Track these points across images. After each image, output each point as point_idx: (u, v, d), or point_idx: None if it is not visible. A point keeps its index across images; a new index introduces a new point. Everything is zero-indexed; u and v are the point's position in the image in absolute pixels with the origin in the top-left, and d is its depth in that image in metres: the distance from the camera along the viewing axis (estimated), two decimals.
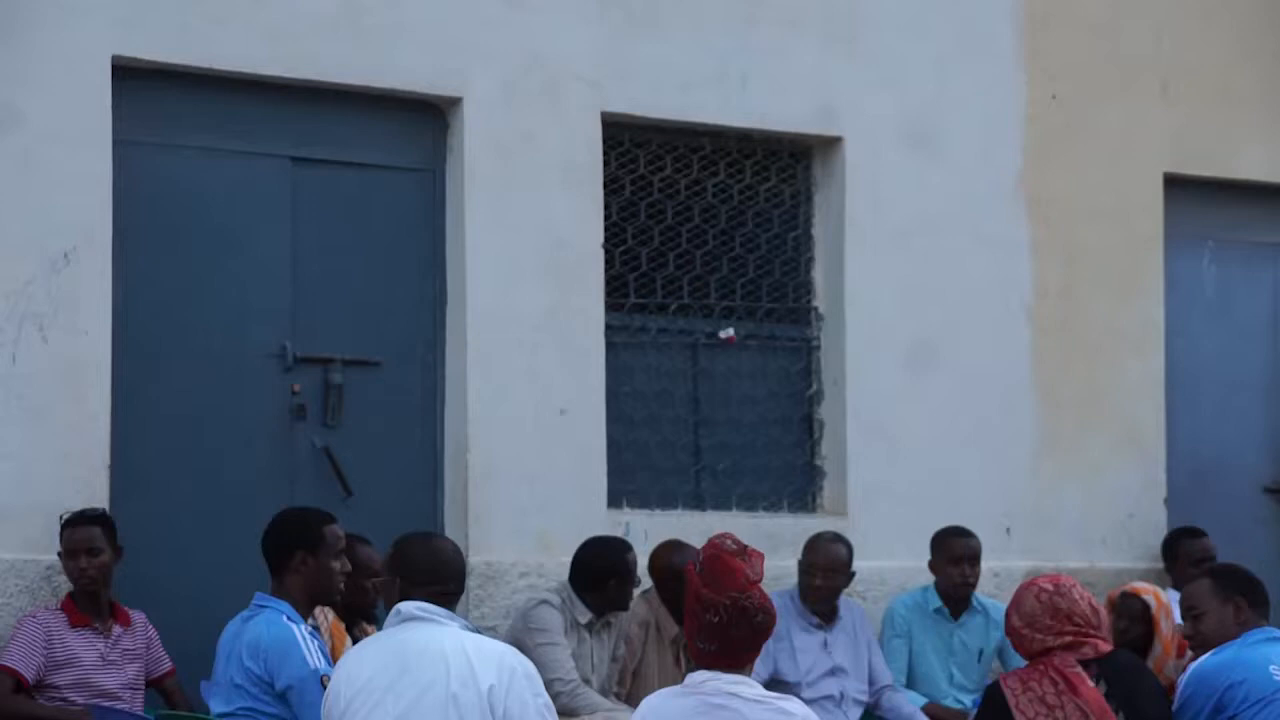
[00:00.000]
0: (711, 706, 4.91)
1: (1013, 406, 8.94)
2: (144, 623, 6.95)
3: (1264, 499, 9.66)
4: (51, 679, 6.67)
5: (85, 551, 6.72)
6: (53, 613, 6.76)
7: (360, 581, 6.63)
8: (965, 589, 8.09)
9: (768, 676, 7.33)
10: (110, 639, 6.78)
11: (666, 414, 8.43)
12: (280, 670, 5.86)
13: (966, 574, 8.07)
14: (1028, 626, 5.53)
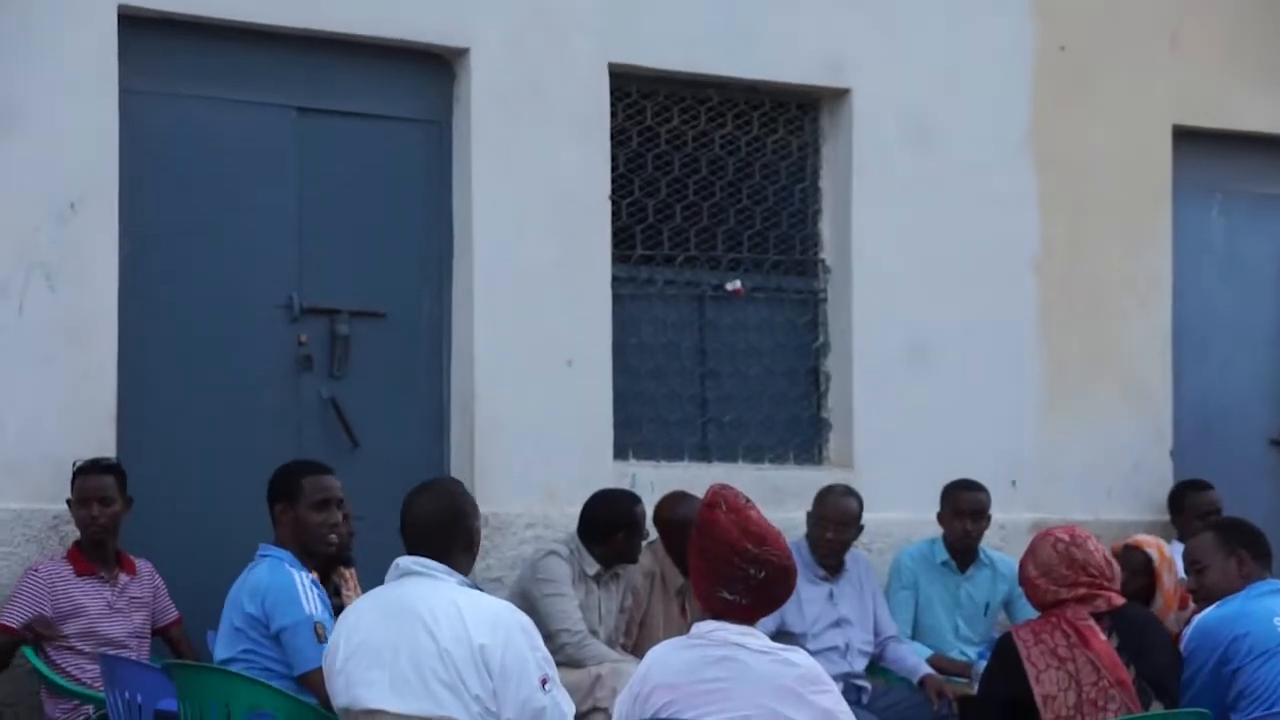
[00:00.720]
0: (718, 657, 4.93)
1: (1019, 359, 8.94)
2: (150, 571, 6.97)
3: (1270, 451, 9.66)
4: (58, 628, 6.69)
5: (97, 500, 6.75)
6: (57, 562, 6.79)
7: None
8: (967, 542, 8.10)
9: (774, 628, 7.34)
10: (116, 588, 6.81)
11: (673, 366, 8.43)
12: (275, 612, 5.87)
13: (969, 528, 8.07)
14: (1043, 576, 5.52)
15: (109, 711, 6.18)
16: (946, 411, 8.70)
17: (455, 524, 5.32)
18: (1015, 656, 5.40)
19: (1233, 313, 9.63)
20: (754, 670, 4.90)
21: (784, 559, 4.97)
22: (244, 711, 5.62)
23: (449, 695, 5.04)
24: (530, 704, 5.05)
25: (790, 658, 4.93)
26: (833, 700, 4.91)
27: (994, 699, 5.46)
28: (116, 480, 6.77)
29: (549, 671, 5.14)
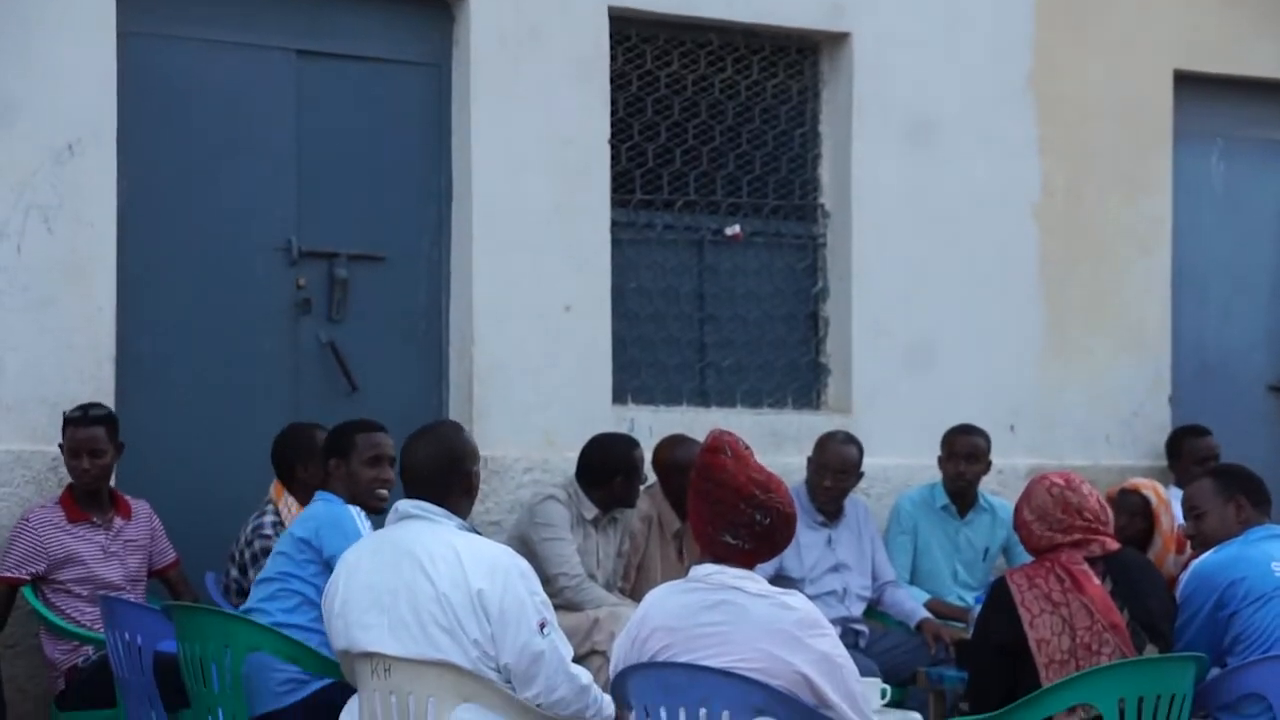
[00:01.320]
0: (716, 601, 4.94)
1: (1018, 304, 8.94)
2: (148, 513, 6.98)
3: (1269, 397, 9.67)
4: (54, 575, 6.71)
5: (88, 453, 6.74)
6: (49, 509, 6.77)
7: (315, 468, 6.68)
8: (960, 485, 8.10)
9: (772, 572, 7.36)
10: (110, 532, 6.81)
11: (672, 311, 8.43)
12: (329, 539, 5.85)
13: (962, 470, 8.08)
14: (1038, 521, 5.53)
15: (109, 652, 6.21)
16: (946, 357, 8.71)
17: (454, 468, 5.31)
18: (1009, 601, 5.41)
19: (1233, 259, 9.63)
20: (752, 614, 4.91)
21: (788, 506, 4.98)
22: (243, 652, 5.65)
23: (447, 639, 5.05)
24: (528, 648, 5.06)
25: (788, 602, 4.93)
26: (830, 644, 4.91)
27: (988, 643, 5.47)
28: (107, 431, 6.75)
29: (547, 615, 5.14)
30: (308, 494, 6.68)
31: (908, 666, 7.46)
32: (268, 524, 6.69)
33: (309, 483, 6.67)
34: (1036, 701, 5.14)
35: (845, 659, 4.93)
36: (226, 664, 5.66)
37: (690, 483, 5.06)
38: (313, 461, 6.68)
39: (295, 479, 6.80)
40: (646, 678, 4.95)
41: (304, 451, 6.78)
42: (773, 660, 4.86)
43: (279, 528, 6.65)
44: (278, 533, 6.62)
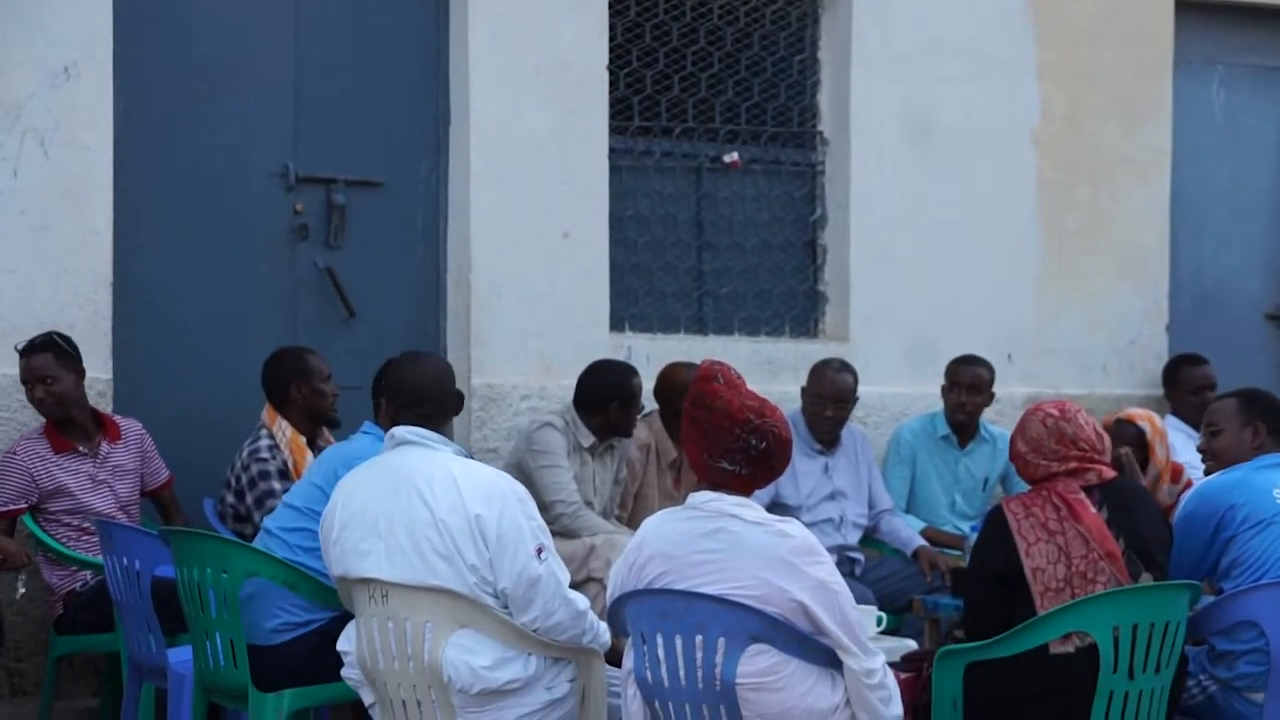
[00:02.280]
0: (713, 529, 4.95)
1: (1016, 233, 8.93)
2: (139, 433, 6.95)
3: (1266, 326, 9.67)
4: (45, 506, 6.71)
5: (39, 381, 6.71)
6: (35, 440, 6.75)
7: (314, 386, 6.73)
8: (960, 415, 8.11)
9: (768, 500, 7.37)
10: (98, 459, 6.79)
11: (669, 238, 8.41)
12: None
13: (964, 401, 8.08)
14: (1033, 452, 5.54)
15: (107, 577, 6.22)
16: (943, 285, 8.70)
17: (449, 391, 5.38)
18: (1005, 529, 5.42)
19: (1231, 186, 9.61)
20: (748, 541, 4.92)
21: (783, 430, 5.00)
22: (240, 577, 5.66)
23: (444, 565, 5.07)
24: (526, 573, 5.08)
25: (784, 529, 4.95)
26: (826, 571, 4.93)
27: (984, 571, 5.48)
28: (55, 356, 6.70)
29: (544, 541, 5.16)
30: (301, 417, 6.74)
31: (903, 594, 7.49)
32: (263, 448, 6.70)
33: (302, 406, 6.75)
34: (1031, 629, 5.16)
35: (841, 586, 4.95)
36: (224, 589, 5.68)
37: (684, 411, 5.07)
38: (305, 384, 6.74)
39: (288, 402, 6.80)
40: (643, 604, 4.97)
41: (298, 372, 6.79)
42: (769, 587, 4.88)
43: (275, 451, 6.67)
44: (274, 456, 6.65)
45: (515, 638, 5.11)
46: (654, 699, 4.99)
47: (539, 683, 5.16)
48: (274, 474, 6.65)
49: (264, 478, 6.62)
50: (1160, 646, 5.16)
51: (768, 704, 4.86)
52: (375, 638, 5.16)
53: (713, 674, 4.87)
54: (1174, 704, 5.35)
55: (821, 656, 4.91)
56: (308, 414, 6.79)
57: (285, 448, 6.72)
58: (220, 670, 5.74)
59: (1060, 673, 5.15)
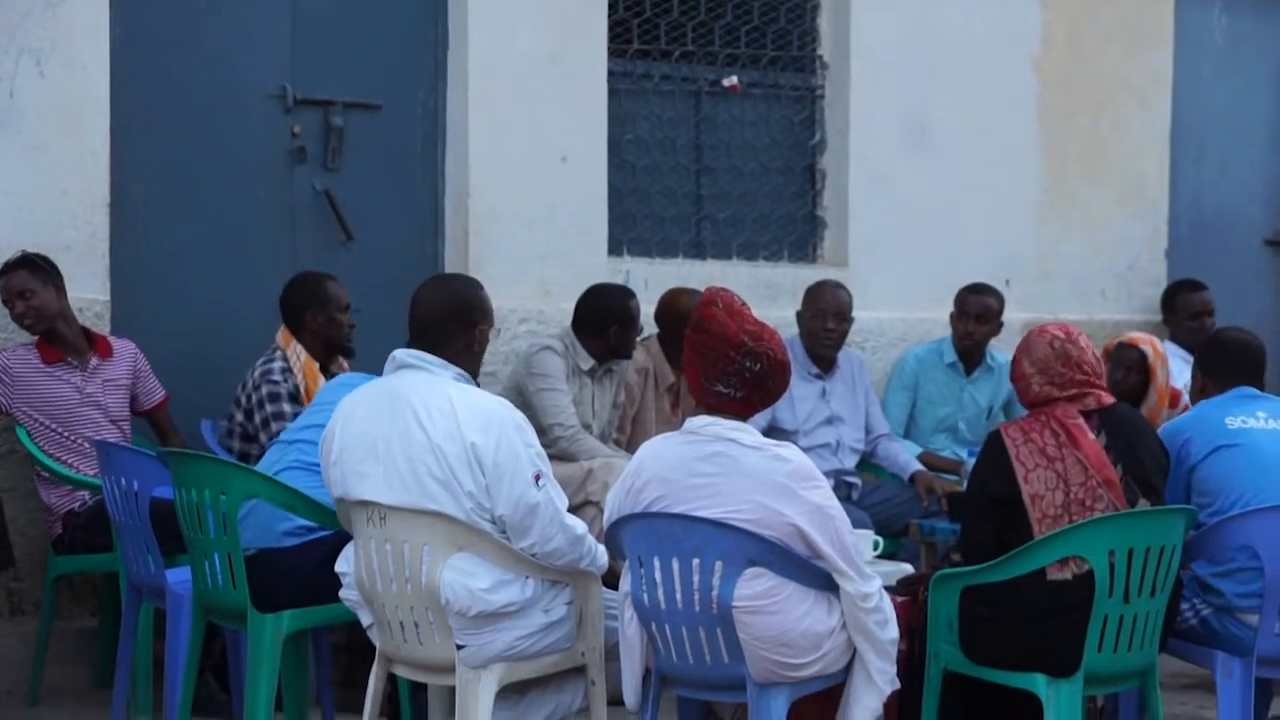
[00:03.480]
0: (710, 453, 4.97)
1: (1016, 158, 8.92)
2: (132, 352, 6.96)
3: (1265, 251, 9.67)
4: (35, 417, 6.72)
5: (17, 296, 6.74)
6: (26, 350, 6.79)
7: (330, 315, 6.72)
8: (969, 344, 8.12)
9: (765, 425, 7.39)
10: (86, 372, 6.81)
11: (668, 162, 8.40)
12: None
13: (971, 330, 8.09)
14: (1038, 374, 5.51)
15: (105, 498, 6.24)
16: (942, 210, 8.69)
17: (456, 319, 5.24)
18: (1004, 455, 5.41)
19: (1231, 113, 9.59)
20: (745, 465, 4.94)
21: (779, 353, 5.01)
22: (239, 499, 5.67)
23: (441, 490, 5.07)
24: (523, 500, 5.07)
25: (781, 453, 4.97)
26: (823, 496, 4.95)
27: (982, 496, 5.48)
28: (30, 271, 6.73)
29: (542, 468, 5.14)
30: (315, 344, 6.74)
31: (900, 519, 7.51)
32: (276, 370, 6.70)
33: (317, 333, 6.76)
34: (1027, 553, 5.18)
35: (838, 511, 4.97)
36: (222, 510, 5.69)
37: (685, 338, 5.08)
38: (321, 313, 6.74)
39: (304, 328, 6.80)
40: (640, 528, 4.99)
41: (315, 300, 6.78)
42: (766, 511, 4.90)
43: (288, 374, 6.69)
44: (286, 379, 6.66)
45: (513, 561, 5.12)
46: (651, 621, 5.02)
47: (536, 605, 5.17)
48: (284, 396, 6.67)
49: (274, 399, 6.64)
50: (1156, 571, 5.17)
51: (764, 627, 4.89)
52: (373, 559, 5.17)
53: (710, 597, 4.89)
54: (1168, 628, 5.37)
55: (818, 580, 4.94)
56: (322, 342, 6.80)
57: (299, 372, 6.73)
58: (219, 591, 5.76)
59: (1056, 597, 5.15)
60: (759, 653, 4.90)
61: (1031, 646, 5.17)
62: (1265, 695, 5.90)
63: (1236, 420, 5.73)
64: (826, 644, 4.96)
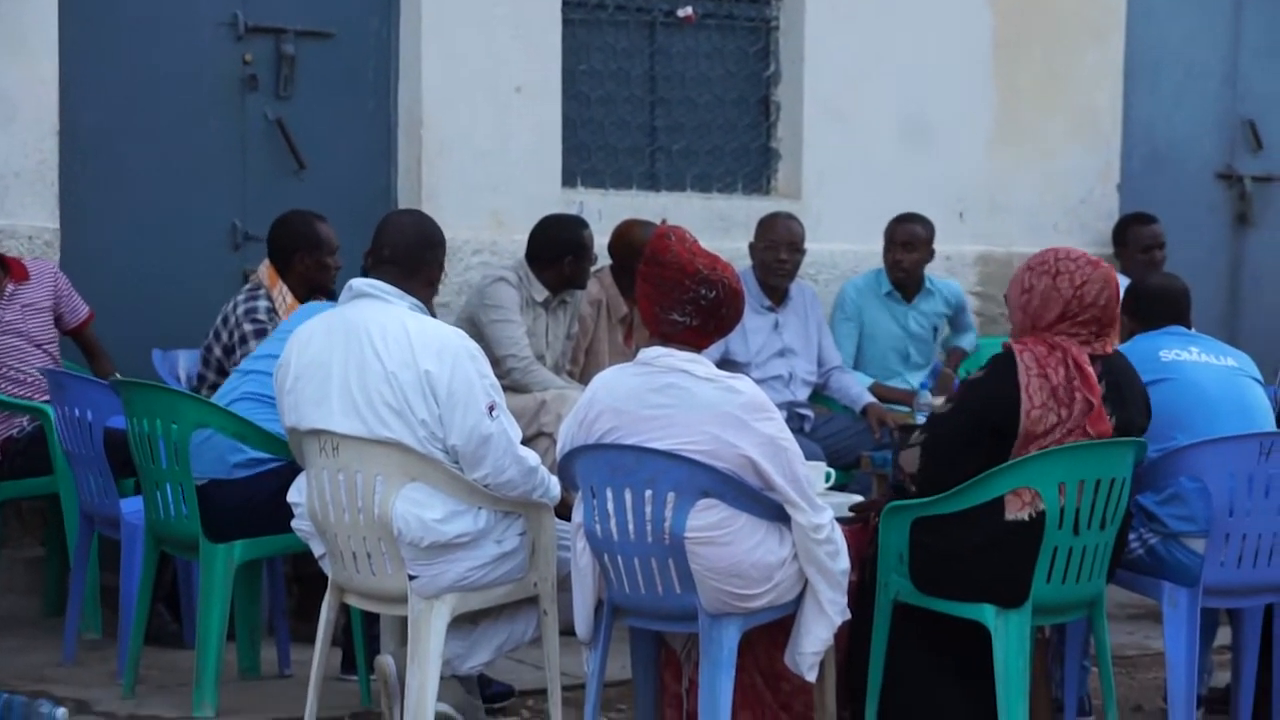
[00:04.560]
0: (663, 384, 4.98)
1: (970, 91, 8.91)
2: (50, 271, 6.88)
3: (1217, 185, 9.72)
4: None
5: None
6: None
7: (320, 259, 6.60)
8: (899, 274, 8.13)
9: (718, 357, 7.39)
10: (3, 299, 6.74)
11: (622, 93, 8.37)
12: None
13: (900, 259, 8.10)
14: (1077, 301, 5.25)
15: (58, 427, 6.22)
16: (896, 143, 8.70)
17: (431, 250, 5.31)
18: (1014, 383, 5.17)
19: (1185, 46, 9.59)
20: (698, 397, 4.95)
21: (733, 281, 5.03)
22: (190, 429, 5.67)
23: (395, 419, 5.08)
24: (477, 430, 5.08)
25: (734, 385, 4.98)
26: (775, 428, 4.97)
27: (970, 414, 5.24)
28: None
29: (496, 398, 5.15)
30: (299, 285, 6.56)
31: (852, 451, 7.54)
32: (261, 309, 6.52)
33: (303, 275, 6.56)
34: (979, 485, 5.16)
35: (790, 442, 4.99)
36: (174, 440, 5.67)
37: (638, 270, 5.09)
38: (310, 255, 6.56)
39: (292, 269, 6.59)
40: (593, 459, 5.01)
41: (306, 242, 6.59)
42: (718, 443, 4.92)
43: (273, 316, 6.52)
44: (271, 319, 6.49)
45: (465, 491, 5.13)
46: (603, 552, 5.04)
47: (489, 536, 5.18)
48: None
49: (259, 337, 6.47)
50: (1106, 503, 5.19)
51: (716, 558, 4.91)
52: (326, 489, 5.17)
53: (662, 528, 4.91)
54: (1116, 559, 5.39)
55: (770, 511, 4.96)
56: (306, 283, 6.56)
57: (284, 314, 6.58)
58: (171, 521, 5.77)
59: (1006, 530, 5.15)
60: (711, 583, 4.92)
61: (981, 578, 5.17)
62: (1211, 625, 5.95)
63: (1170, 353, 5.74)
64: (778, 575, 4.98)
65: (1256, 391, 5.84)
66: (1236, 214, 9.76)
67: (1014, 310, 5.40)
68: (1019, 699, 5.15)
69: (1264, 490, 5.50)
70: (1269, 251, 9.74)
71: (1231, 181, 9.74)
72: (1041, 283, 5.31)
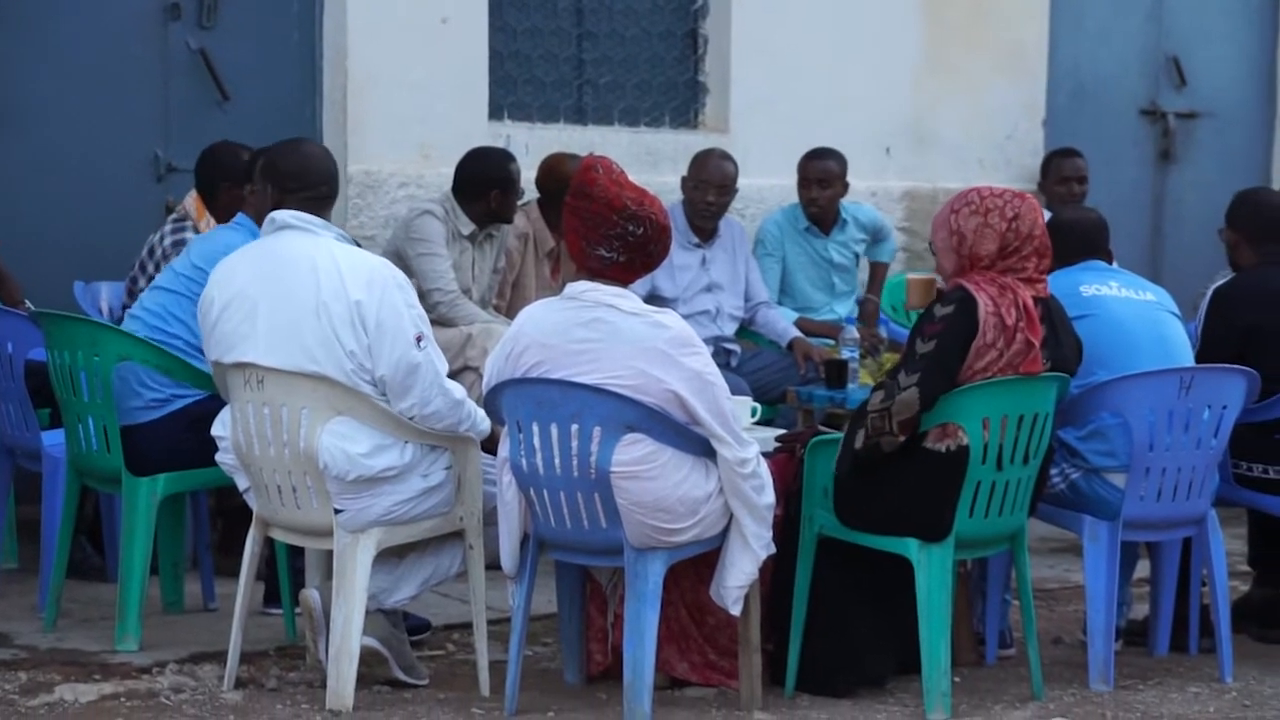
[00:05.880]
0: (590, 319, 4.99)
1: (898, 25, 8.93)
2: None
3: (1140, 120, 9.79)
4: None
5: None
6: None
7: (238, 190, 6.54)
8: (814, 210, 8.14)
9: (646, 292, 7.40)
10: None
11: (549, 26, 8.34)
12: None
13: (815, 196, 8.10)
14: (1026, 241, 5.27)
15: None
16: (823, 77, 8.71)
17: (330, 173, 5.34)
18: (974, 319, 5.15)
19: None
20: (625, 332, 4.97)
21: (661, 216, 5.03)
22: (112, 361, 5.64)
23: (322, 351, 5.08)
24: (404, 360, 5.10)
25: (661, 320, 4.99)
26: (702, 362, 4.99)
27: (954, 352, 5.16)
28: None
29: (423, 329, 5.17)
30: (224, 217, 6.43)
31: (778, 385, 7.58)
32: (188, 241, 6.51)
33: (226, 207, 6.45)
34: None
35: (716, 377, 5.01)
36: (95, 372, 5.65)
37: (566, 204, 5.08)
38: (236, 185, 6.43)
39: (217, 200, 6.55)
40: (520, 393, 5.01)
41: (230, 172, 6.55)
42: (645, 377, 4.93)
43: None
44: None
45: (392, 425, 5.14)
46: (529, 487, 5.05)
47: (415, 470, 5.20)
48: None
49: None
50: (1029, 438, 5.24)
51: (642, 492, 4.93)
52: (250, 423, 5.17)
53: (588, 462, 4.93)
54: (1038, 494, 5.45)
55: (696, 446, 4.98)
56: (231, 215, 6.28)
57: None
58: (93, 454, 5.75)
59: (931, 465, 5.20)
60: (636, 517, 4.95)
61: (904, 512, 5.23)
62: (1130, 558, 6.03)
63: (1090, 288, 5.78)
64: (703, 509, 5.01)
65: (1176, 326, 5.91)
66: (1160, 150, 9.84)
67: (945, 254, 5.37)
68: (941, 632, 5.21)
69: (1183, 425, 5.58)
70: (1191, 187, 9.83)
71: (1155, 118, 9.81)
72: (971, 222, 5.31)
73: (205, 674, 5.46)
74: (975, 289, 5.20)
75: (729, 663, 5.38)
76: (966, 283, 5.23)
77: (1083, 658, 5.71)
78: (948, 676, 5.23)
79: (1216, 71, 9.95)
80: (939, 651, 5.20)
